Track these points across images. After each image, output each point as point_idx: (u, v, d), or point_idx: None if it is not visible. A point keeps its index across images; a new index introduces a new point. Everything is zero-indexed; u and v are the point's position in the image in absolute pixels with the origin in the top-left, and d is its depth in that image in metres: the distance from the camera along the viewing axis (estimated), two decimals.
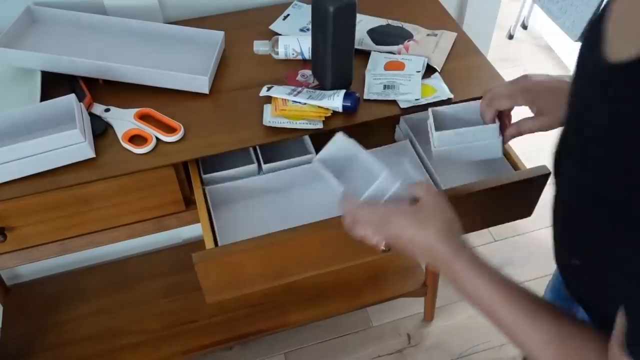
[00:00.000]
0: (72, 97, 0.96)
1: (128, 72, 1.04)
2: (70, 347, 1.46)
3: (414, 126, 1.11)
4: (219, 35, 1.14)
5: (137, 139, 0.99)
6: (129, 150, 0.97)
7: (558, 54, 2.62)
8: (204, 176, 1.01)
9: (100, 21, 1.14)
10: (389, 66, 1.10)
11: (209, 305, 1.19)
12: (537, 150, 1.08)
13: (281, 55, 1.13)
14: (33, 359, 1.44)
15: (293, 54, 1.12)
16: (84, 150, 0.93)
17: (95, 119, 1.01)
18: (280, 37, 1.12)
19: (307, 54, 1.12)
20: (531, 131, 0.86)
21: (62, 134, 0.90)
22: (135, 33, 1.14)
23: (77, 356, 1.44)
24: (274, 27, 1.21)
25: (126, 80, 1.05)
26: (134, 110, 1.02)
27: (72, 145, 0.91)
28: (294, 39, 1.12)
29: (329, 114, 1.01)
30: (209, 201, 0.97)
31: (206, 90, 1.06)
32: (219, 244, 0.92)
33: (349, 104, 1.00)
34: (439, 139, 0.93)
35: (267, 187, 1.04)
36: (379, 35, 1.17)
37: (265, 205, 1.03)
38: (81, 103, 0.99)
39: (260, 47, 1.14)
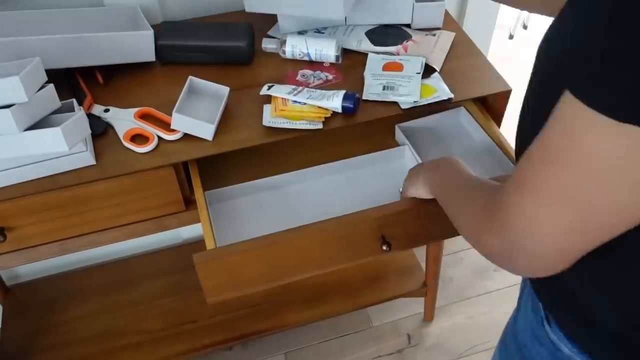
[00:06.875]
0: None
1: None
2: (70, 347, 1.46)
3: (408, 131, 1.11)
4: None
5: (138, 138, 0.99)
6: (131, 150, 0.97)
7: None
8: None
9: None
10: (387, 67, 1.10)
11: (209, 305, 1.19)
12: None
13: (288, 55, 1.13)
14: (33, 359, 1.43)
15: (300, 55, 1.12)
16: (85, 158, 0.94)
17: (94, 120, 1.00)
18: (288, 36, 1.12)
19: (314, 56, 1.12)
20: None
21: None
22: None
23: (77, 356, 1.44)
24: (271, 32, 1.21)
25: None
26: (134, 110, 1.02)
27: (73, 154, 0.92)
28: (301, 40, 1.12)
29: (329, 115, 1.01)
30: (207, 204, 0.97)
31: None
32: (217, 244, 0.92)
33: (349, 105, 1.00)
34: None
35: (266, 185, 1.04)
36: (377, 36, 1.16)
37: (264, 203, 1.04)
38: (82, 109, 0.97)
39: (268, 44, 1.14)
